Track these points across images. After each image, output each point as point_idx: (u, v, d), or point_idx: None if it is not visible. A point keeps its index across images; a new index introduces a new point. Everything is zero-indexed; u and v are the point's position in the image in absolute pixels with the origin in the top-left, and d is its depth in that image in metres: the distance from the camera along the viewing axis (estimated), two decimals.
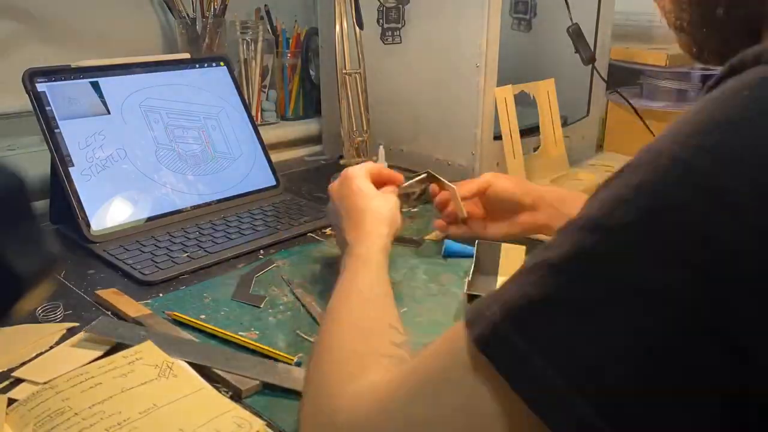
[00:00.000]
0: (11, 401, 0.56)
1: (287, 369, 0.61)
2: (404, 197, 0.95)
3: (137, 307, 0.71)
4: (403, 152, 0.95)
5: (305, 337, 0.67)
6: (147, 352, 0.62)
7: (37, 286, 0.41)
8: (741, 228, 0.31)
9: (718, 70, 0.39)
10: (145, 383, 0.57)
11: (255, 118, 1.20)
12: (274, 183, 1.09)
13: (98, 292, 0.74)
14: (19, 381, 0.59)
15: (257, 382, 0.59)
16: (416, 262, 0.85)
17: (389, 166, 0.96)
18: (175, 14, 1.21)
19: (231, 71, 1.11)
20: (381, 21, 1.12)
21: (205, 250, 0.86)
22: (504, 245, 0.81)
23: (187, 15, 1.22)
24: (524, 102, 1.13)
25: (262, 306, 0.74)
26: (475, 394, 0.36)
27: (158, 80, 1.02)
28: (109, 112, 0.95)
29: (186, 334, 0.66)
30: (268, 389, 0.59)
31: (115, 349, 0.64)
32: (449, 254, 0.86)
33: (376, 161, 0.98)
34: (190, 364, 0.61)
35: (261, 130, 1.11)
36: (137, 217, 0.92)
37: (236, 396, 0.58)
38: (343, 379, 0.48)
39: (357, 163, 1.11)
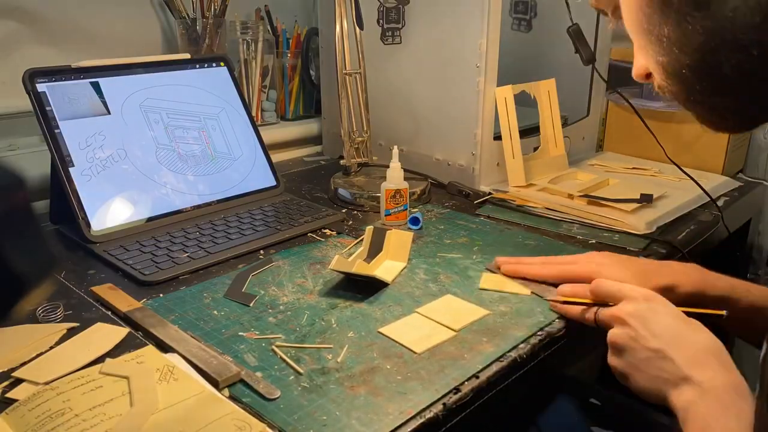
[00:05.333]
0: (11, 401, 0.56)
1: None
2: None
3: (129, 302, 0.72)
4: (403, 152, 0.95)
5: (304, 337, 0.67)
6: (148, 355, 0.62)
7: (37, 286, 0.41)
8: None
9: None
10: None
11: (255, 118, 1.20)
12: (274, 183, 1.09)
13: (93, 288, 0.76)
14: (19, 381, 0.59)
15: (235, 371, 0.59)
16: (416, 261, 0.85)
17: (405, 170, 0.97)
18: (175, 14, 1.21)
19: (231, 71, 1.11)
20: (381, 21, 1.12)
21: (206, 251, 0.86)
22: (392, 230, 0.87)
23: (187, 15, 1.22)
24: (524, 102, 1.13)
25: (252, 305, 0.74)
26: None
27: (158, 80, 1.02)
28: (109, 113, 0.95)
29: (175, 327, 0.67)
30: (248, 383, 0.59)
31: (115, 349, 0.64)
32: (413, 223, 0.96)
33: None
34: (186, 360, 0.61)
35: (261, 130, 1.11)
36: (137, 217, 0.92)
37: (213, 385, 0.58)
38: None
39: (357, 164, 1.12)
